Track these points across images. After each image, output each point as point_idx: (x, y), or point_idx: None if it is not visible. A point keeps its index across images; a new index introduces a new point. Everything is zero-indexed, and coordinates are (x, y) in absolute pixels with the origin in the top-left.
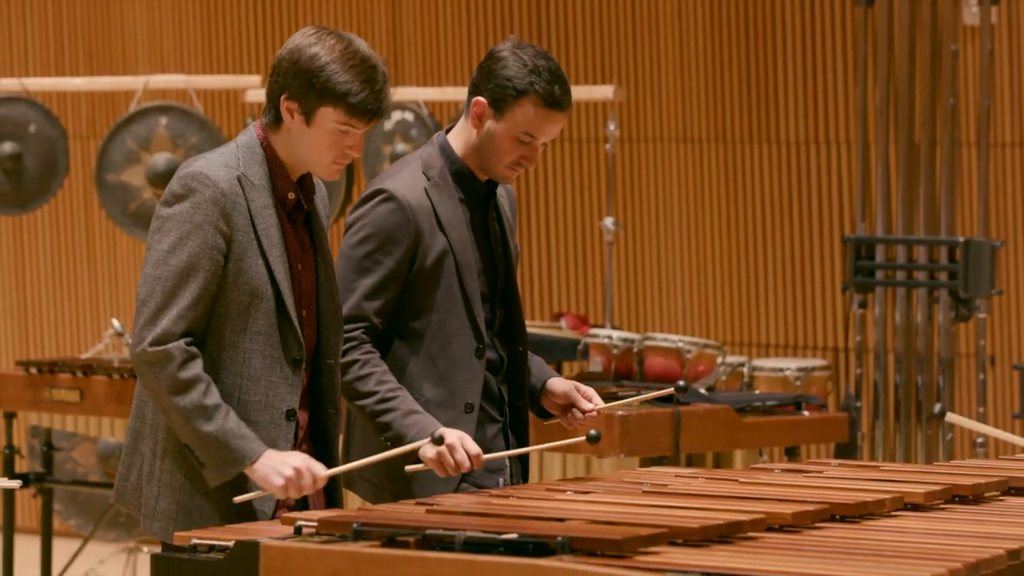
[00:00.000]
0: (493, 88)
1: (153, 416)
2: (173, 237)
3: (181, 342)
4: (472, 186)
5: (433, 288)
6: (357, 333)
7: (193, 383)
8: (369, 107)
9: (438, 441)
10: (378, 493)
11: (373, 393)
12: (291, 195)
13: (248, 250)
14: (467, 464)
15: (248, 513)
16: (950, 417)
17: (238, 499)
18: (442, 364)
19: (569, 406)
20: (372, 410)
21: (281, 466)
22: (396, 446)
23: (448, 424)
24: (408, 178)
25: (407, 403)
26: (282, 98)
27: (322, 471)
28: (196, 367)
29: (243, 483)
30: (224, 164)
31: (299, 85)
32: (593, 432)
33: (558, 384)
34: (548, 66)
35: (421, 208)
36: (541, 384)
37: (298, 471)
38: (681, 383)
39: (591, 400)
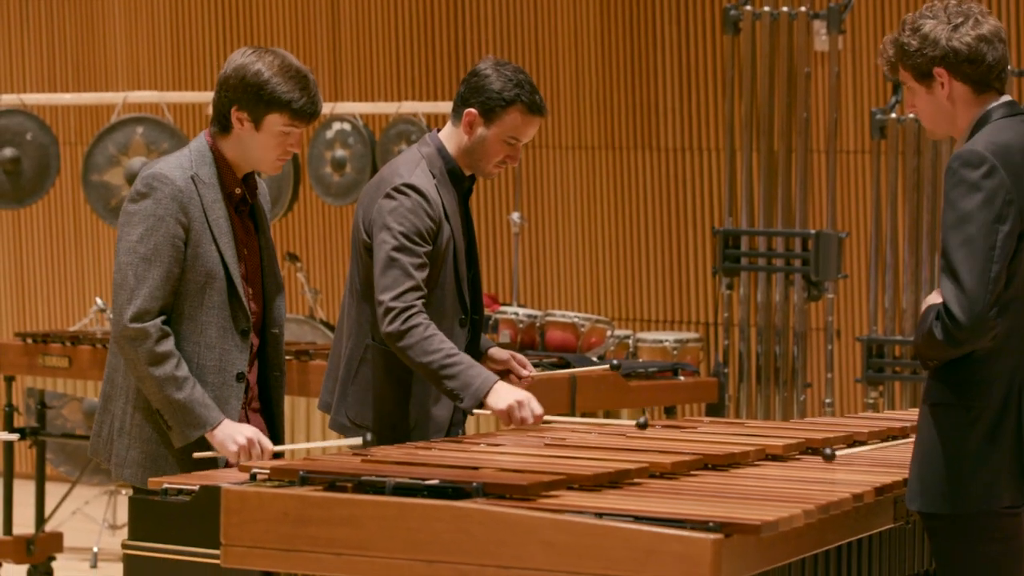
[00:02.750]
0: (483, 100)
1: (123, 380)
2: (140, 229)
3: (157, 321)
4: (461, 183)
5: (439, 268)
6: (418, 303)
7: (167, 357)
8: (308, 110)
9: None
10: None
11: (439, 350)
12: (237, 190)
13: (203, 238)
14: (531, 421)
15: (207, 461)
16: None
17: (197, 455)
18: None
19: (507, 372)
20: (440, 363)
21: (236, 435)
22: (463, 393)
23: None
24: (423, 176)
25: (468, 359)
26: (232, 109)
27: (269, 445)
28: (169, 343)
29: (204, 443)
30: (179, 166)
31: (248, 98)
32: (642, 420)
33: (498, 352)
34: (527, 79)
35: (436, 201)
36: (484, 351)
37: (250, 441)
38: (615, 361)
39: (525, 367)
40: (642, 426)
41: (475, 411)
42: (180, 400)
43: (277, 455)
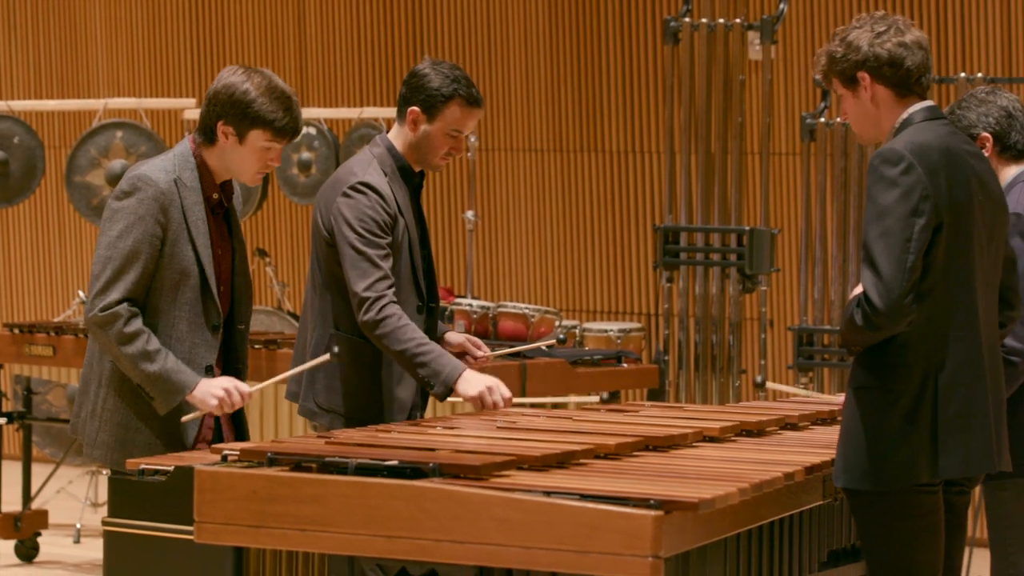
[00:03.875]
0: (424, 98)
1: (98, 366)
2: (121, 225)
3: (125, 304)
4: (411, 178)
5: (396, 259)
6: (389, 293)
7: (136, 335)
8: (289, 129)
9: None
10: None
11: (412, 339)
12: (215, 195)
13: (180, 238)
14: (502, 405)
15: (171, 443)
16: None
17: (185, 419)
18: None
19: (463, 354)
20: (413, 351)
21: (214, 389)
22: (434, 380)
23: None
24: (376, 174)
25: (438, 348)
26: (219, 123)
27: (246, 388)
28: (138, 323)
29: (177, 427)
30: (163, 169)
31: (234, 114)
32: (562, 336)
33: (454, 336)
34: (463, 74)
35: (390, 196)
36: (440, 336)
37: (227, 391)
38: (561, 336)
39: (481, 349)
40: (562, 341)
41: (448, 399)
42: (156, 372)
43: (241, 419)
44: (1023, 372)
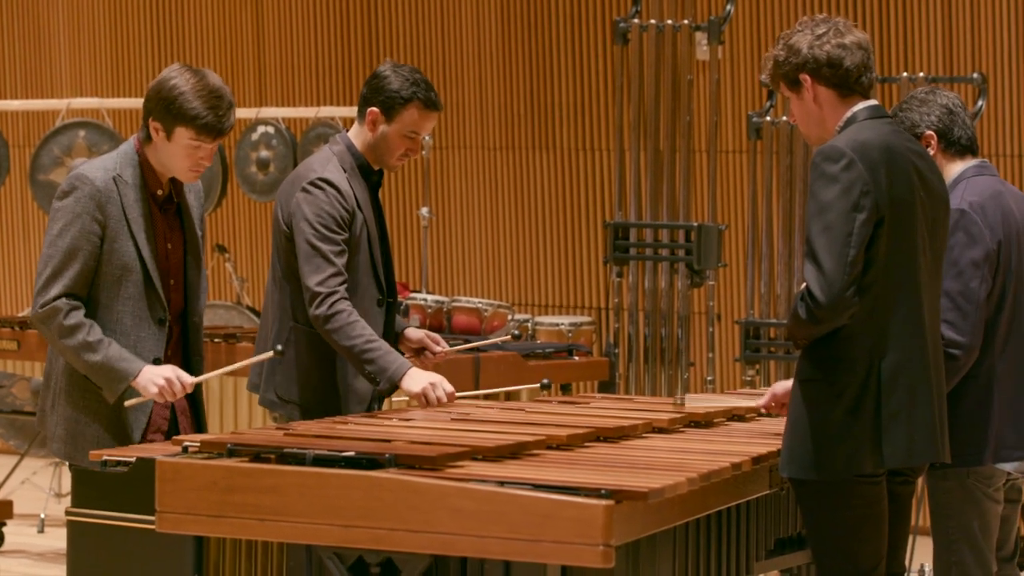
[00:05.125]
0: (383, 99)
1: (56, 362)
2: (60, 224)
3: (64, 299)
4: (370, 176)
5: (355, 254)
6: (341, 289)
7: (77, 327)
8: (213, 127)
9: None
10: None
11: (360, 335)
12: (159, 192)
13: (120, 234)
14: (445, 400)
15: (120, 437)
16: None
17: (128, 403)
18: (358, 311)
19: (422, 349)
20: (361, 348)
21: (156, 377)
22: (380, 377)
23: None
24: (335, 170)
25: (386, 345)
26: (150, 120)
27: (188, 379)
28: (78, 315)
29: (125, 421)
30: (103, 167)
31: (161, 110)
32: (545, 380)
33: (413, 332)
34: (423, 78)
35: (349, 192)
36: (400, 332)
37: (168, 380)
38: (516, 332)
39: (439, 344)
40: (516, 337)
41: (392, 396)
42: (98, 361)
43: (198, 408)
44: (963, 365)
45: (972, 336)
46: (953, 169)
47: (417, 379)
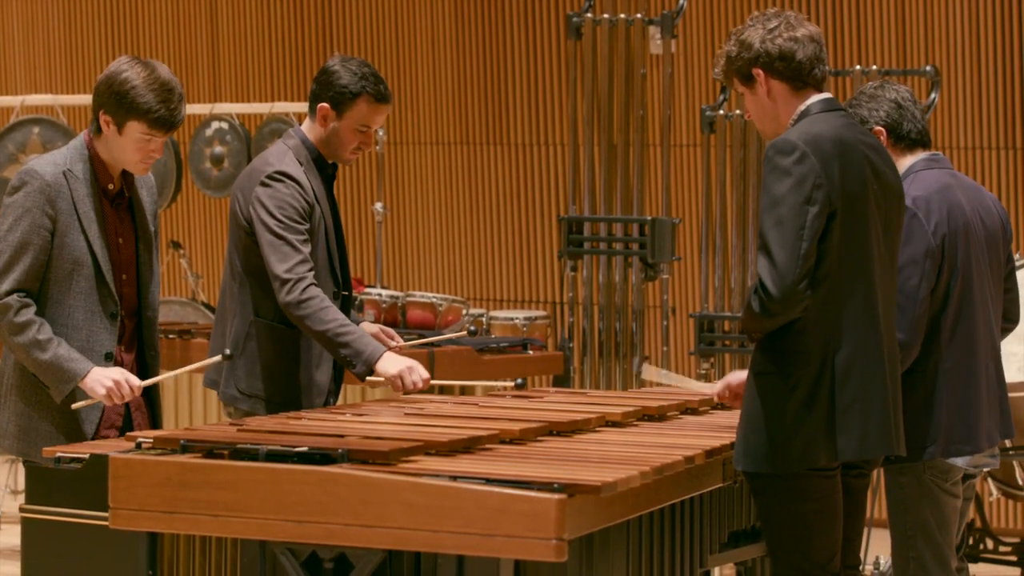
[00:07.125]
0: (333, 95)
1: (6, 357)
2: (11, 219)
3: (15, 295)
4: (325, 169)
5: (313, 247)
6: (310, 276)
7: (28, 325)
8: (165, 120)
9: None
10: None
11: (334, 320)
12: (110, 186)
13: (71, 228)
14: (420, 385)
15: (71, 433)
16: (645, 370)
17: (75, 406)
18: None
19: None
20: (335, 331)
21: (103, 379)
22: (355, 360)
23: None
24: (293, 164)
25: (359, 329)
26: (100, 113)
27: (137, 382)
28: (29, 313)
29: (75, 418)
30: (53, 162)
31: (112, 103)
32: (519, 380)
33: (368, 327)
34: (372, 71)
35: (307, 185)
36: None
37: (116, 382)
38: (472, 328)
39: (394, 339)
40: (472, 333)
41: (368, 379)
42: (47, 360)
43: (154, 405)
44: (904, 360)
45: (911, 333)
46: (904, 162)
47: (393, 362)
